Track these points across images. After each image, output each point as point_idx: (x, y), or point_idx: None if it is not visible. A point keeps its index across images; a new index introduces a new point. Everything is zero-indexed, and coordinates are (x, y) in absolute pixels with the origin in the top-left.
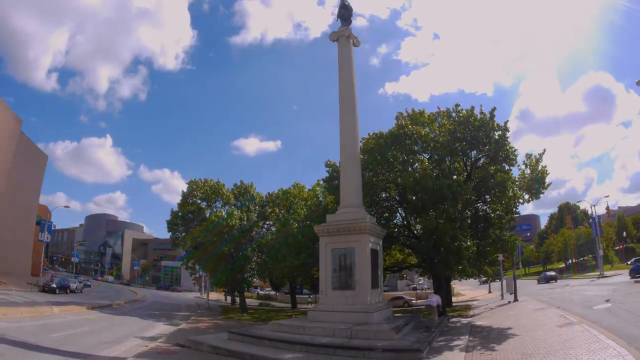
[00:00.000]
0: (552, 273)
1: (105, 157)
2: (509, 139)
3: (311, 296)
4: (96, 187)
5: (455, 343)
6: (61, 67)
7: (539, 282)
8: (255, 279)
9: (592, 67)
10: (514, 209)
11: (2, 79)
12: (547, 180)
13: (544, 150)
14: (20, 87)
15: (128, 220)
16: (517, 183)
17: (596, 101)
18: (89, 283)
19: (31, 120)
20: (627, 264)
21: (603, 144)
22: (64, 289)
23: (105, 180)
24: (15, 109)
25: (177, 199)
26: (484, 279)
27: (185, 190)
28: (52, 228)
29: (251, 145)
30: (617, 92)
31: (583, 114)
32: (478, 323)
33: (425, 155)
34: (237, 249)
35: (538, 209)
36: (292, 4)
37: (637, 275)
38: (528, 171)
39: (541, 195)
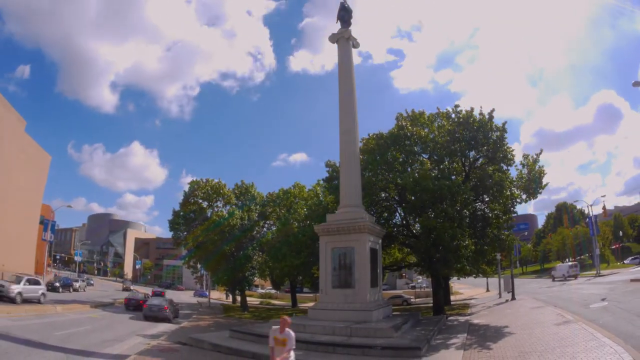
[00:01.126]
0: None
1: (151, 167)
2: (507, 140)
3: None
4: (132, 193)
5: (453, 341)
6: (120, 84)
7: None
8: (256, 278)
9: (605, 87)
10: (512, 209)
11: (56, 96)
12: (545, 180)
13: (541, 150)
14: (73, 103)
15: (145, 224)
16: (514, 183)
17: (605, 116)
18: (92, 282)
19: (77, 133)
20: (624, 262)
21: (607, 153)
22: (67, 287)
23: (144, 187)
24: (63, 124)
25: None
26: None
27: (186, 190)
28: (56, 227)
29: (297, 157)
30: (624, 110)
31: (592, 127)
32: (476, 321)
33: (424, 155)
34: (238, 248)
35: (540, 211)
36: (361, 37)
37: None
38: (525, 171)
39: (538, 195)
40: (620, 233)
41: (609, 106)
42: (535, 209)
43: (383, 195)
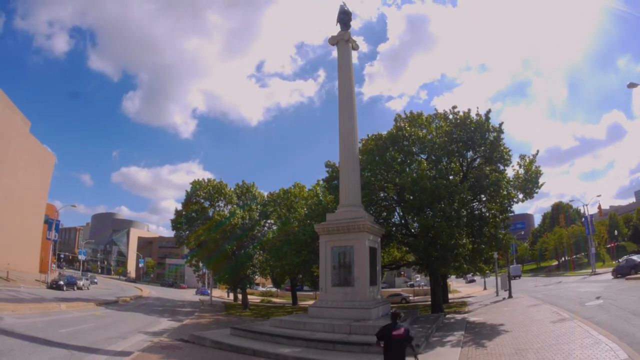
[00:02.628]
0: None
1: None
2: (503, 140)
3: None
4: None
5: (451, 338)
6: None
7: (616, 276)
8: (257, 276)
9: (615, 108)
10: (509, 208)
11: (136, 125)
12: (541, 180)
13: (537, 151)
14: (154, 130)
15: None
16: (511, 183)
17: (611, 132)
18: (96, 280)
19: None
20: (619, 261)
21: (608, 163)
22: (71, 286)
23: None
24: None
25: None
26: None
27: (189, 190)
28: (60, 227)
29: None
30: (628, 127)
31: (597, 142)
32: (473, 319)
33: (422, 156)
34: (239, 247)
35: (541, 213)
36: (422, 73)
37: (619, 275)
38: (522, 171)
39: (535, 195)
40: (616, 232)
41: (616, 124)
42: (536, 211)
43: (382, 194)
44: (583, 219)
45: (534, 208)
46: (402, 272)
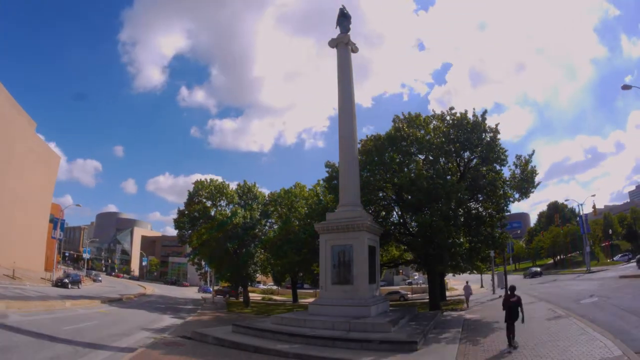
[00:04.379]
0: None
1: None
2: (500, 141)
3: None
4: None
5: (448, 335)
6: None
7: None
8: (258, 274)
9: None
10: (505, 208)
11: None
12: (537, 180)
13: (533, 151)
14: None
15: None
16: (507, 182)
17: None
18: (100, 278)
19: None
20: (614, 259)
21: (605, 172)
22: (75, 284)
23: None
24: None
25: None
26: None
27: (191, 190)
28: (65, 225)
29: None
30: (627, 141)
31: (600, 155)
32: (470, 316)
33: (420, 156)
34: (241, 246)
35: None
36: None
37: None
38: (518, 171)
39: (531, 195)
40: (610, 231)
41: (618, 140)
42: (537, 212)
43: (381, 194)
44: (578, 218)
45: (536, 210)
46: (401, 270)
